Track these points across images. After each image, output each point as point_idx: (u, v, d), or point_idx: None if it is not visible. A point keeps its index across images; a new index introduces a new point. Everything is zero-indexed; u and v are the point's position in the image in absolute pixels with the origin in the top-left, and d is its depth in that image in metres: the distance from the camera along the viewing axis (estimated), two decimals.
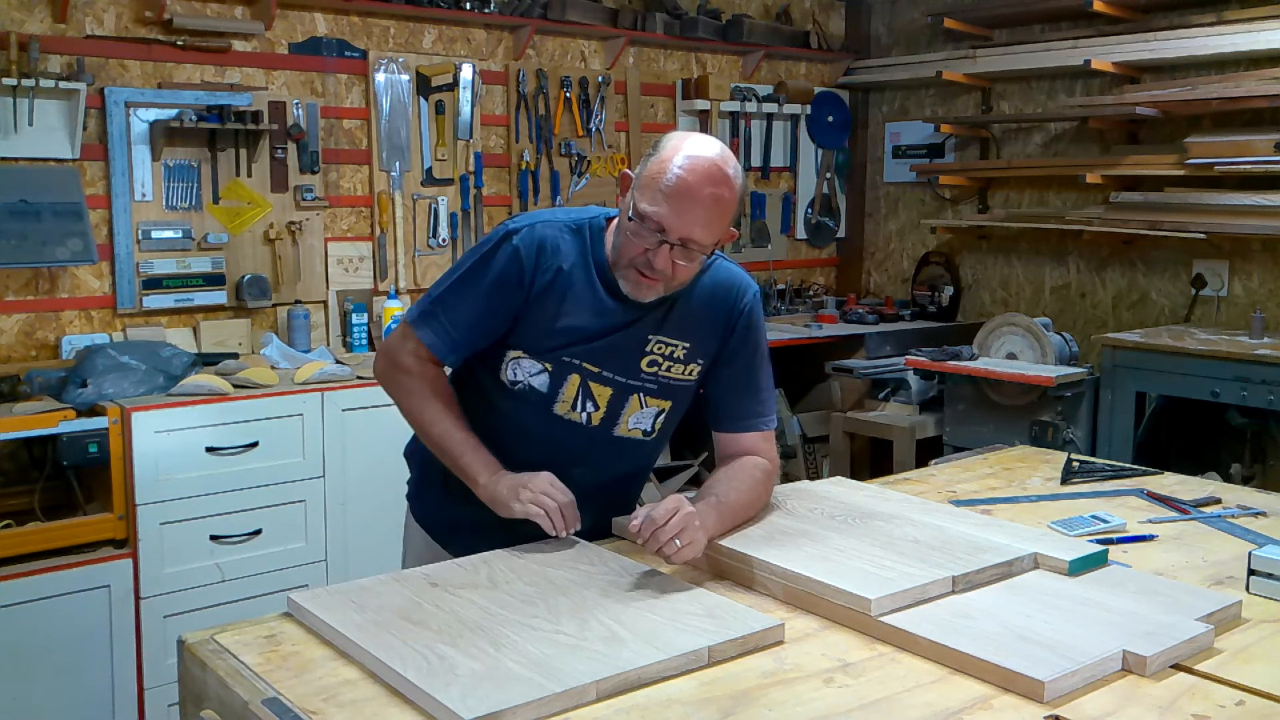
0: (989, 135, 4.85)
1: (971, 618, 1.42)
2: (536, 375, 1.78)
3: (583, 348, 1.77)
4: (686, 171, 1.63)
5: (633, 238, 1.67)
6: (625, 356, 1.79)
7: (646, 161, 1.69)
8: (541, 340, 1.77)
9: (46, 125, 3.21)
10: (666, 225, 1.64)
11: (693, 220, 1.64)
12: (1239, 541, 1.84)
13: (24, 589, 2.72)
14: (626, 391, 1.81)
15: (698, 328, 1.82)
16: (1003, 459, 2.44)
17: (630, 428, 1.84)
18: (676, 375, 1.83)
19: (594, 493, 1.82)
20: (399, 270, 3.97)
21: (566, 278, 1.75)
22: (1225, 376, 3.45)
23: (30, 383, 2.96)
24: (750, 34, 4.81)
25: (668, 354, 1.81)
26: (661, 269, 1.66)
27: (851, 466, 4.53)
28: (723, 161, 1.66)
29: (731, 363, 1.86)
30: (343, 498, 3.21)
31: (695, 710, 1.22)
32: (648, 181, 1.66)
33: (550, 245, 1.75)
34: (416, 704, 1.21)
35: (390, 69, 3.91)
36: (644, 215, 1.64)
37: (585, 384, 1.79)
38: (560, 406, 1.80)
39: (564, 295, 1.75)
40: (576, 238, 1.78)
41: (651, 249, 1.66)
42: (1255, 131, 3.85)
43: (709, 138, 1.71)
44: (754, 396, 1.89)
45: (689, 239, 1.65)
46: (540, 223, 1.78)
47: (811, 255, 5.35)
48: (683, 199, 1.63)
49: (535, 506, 1.69)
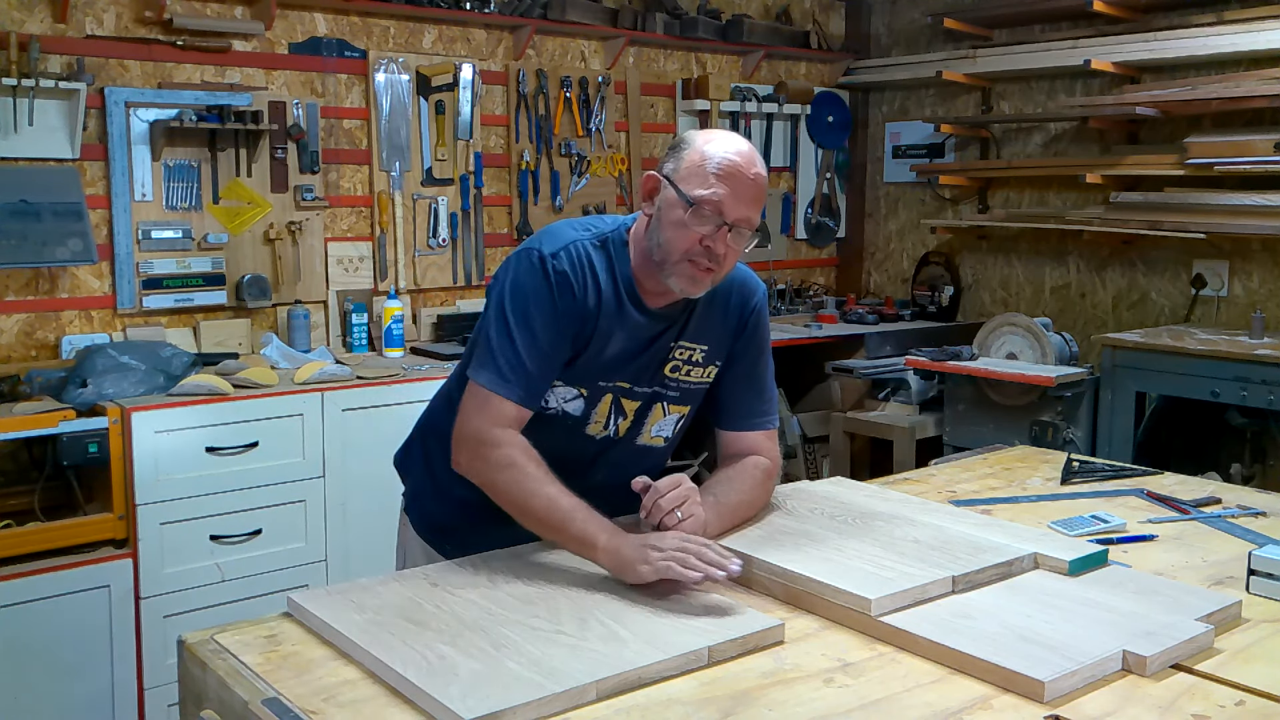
0: (989, 135, 4.85)
1: (971, 618, 1.42)
2: (572, 401, 1.76)
3: (621, 371, 1.76)
4: (732, 154, 1.67)
5: (689, 227, 1.66)
6: (653, 368, 1.79)
7: (679, 157, 1.69)
8: (585, 364, 1.73)
9: (46, 125, 3.21)
10: (725, 206, 1.65)
11: (746, 199, 1.66)
12: (1239, 541, 1.84)
13: (24, 589, 2.72)
14: (652, 401, 1.81)
15: (714, 329, 1.83)
16: (1003, 459, 2.44)
17: (653, 436, 1.85)
18: (696, 379, 1.84)
19: (608, 494, 1.82)
20: (399, 270, 3.97)
21: (602, 297, 1.73)
22: (1225, 376, 3.45)
23: (30, 383, 2.96)
24: (750, 34, 4.81)
25: (688, 358, 1.81)
26: (720, 253, 1.67)
27: (851, 466, 4.53)
28: (750, 147, 1.71)
29: (739, 361, 1.87)
30: (343, 498, 3.21)
31: (695, 710, 1.22)
32: (692, 170, 1.67)
33: (587, 263, 1.73)
34: (416, 704, 1.21)
35: (390, 69, 3.91)
36: (702, 200, 1.65)
37: (617, 400, 1.79)
38: (593, 428, 1.79)
39: (602, 317, 1.72)
40: (602, 253, 1.75)
41: (709, 235, 1.66)
42: (1255, 131, 3.85)
43: (725, 130, 1.74)
44: (758, 395, 1.89)
45: (744, 219, 1.67)
46: (571, 242, 1.73)
47: (811, 255, 5.35)
48: (735, 180, 1.65)
49: (673, 564, 1.49)
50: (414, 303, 4.02)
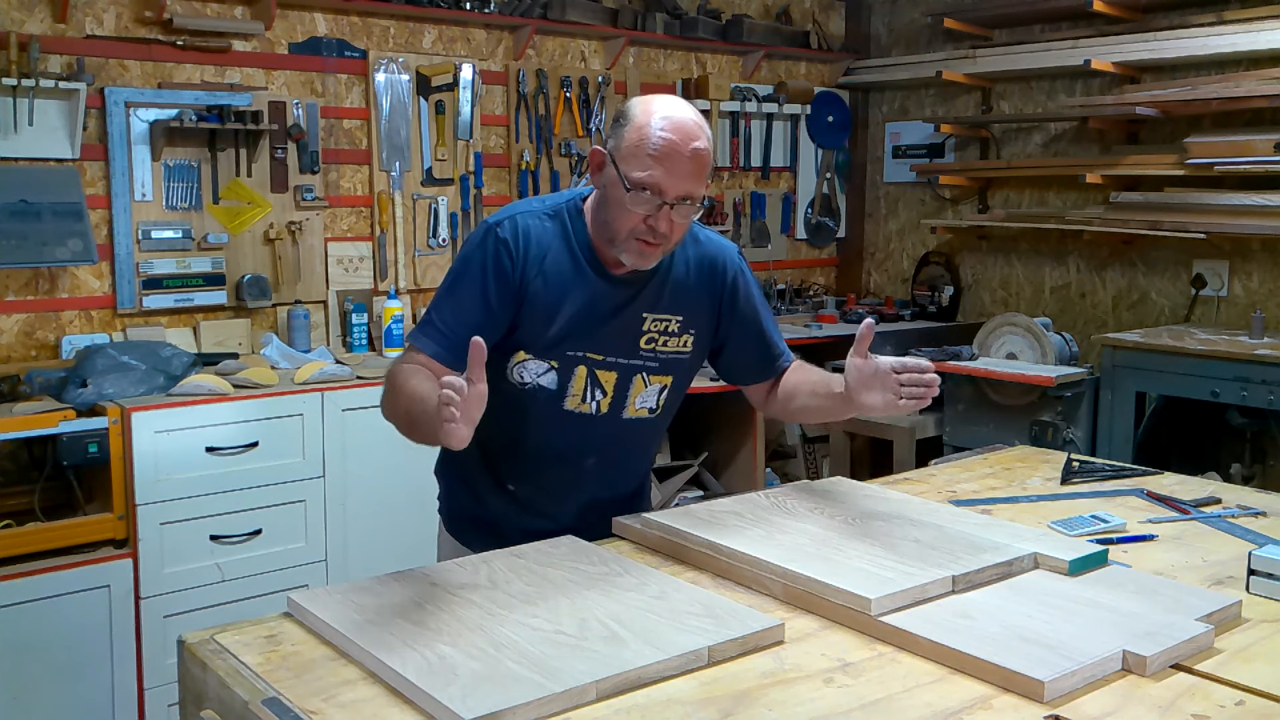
0: (989, 135, 4.85)
1: (971, 618, 1.42)
2: (544, 374, 1.80)
3: (586, 338, 1.79)
4: (669, 131, 1.67)
5: (630, 207, 1.69)
6: (625, 338, 1.82)
7: (620, 132, 1.71)
8: (545, 332, 1.78)
9: (46, 125, 3.21)
10: (663, 187, 1.67)
11: (685, 176, 1.68)
12: (1239, 541, 1.84)
13: (24, 589, 2.72)
14: (630, 373, 1.84)
15: (689, 299, 1.86)
16: (1003, 459, 2.44)
17: (637, 408, 1.87)
18: (673, 349, 1.87)
19: (605, 479, 1.89)
20: (399, 270, 3.98)
21: (554, 263, 1.77)
22: (1225, 376, 3.45)
23: (30, 383, 2.96)
24: (750, 34, 4.81)
25: (662, 329, 1.85)
26: (665, 231, 1.70)
27: (851, 466, 4.53)
28: (695, 115, 1.72)
29: (737, 324, 1.92)
30: (343, 498, 3.21)
31: (695, 710, 1.22)
32: (632, 150, 1.68)
33: (535, 232, 1.78)
34: (416, 704, 1.21)
35: (390, 69, 3.91)
36: (639, 183, 1.67)
37: (592, 373, 1.82)
38: (570, 401, 1.82)
39: (556, 282, 1.77)
40: (555, 222, 1.80)
41: (652, 214, 1.69)
42: (1255, 131, 3.85)
43: (672, 97, 1.76)
44: (768, 344, 1.97)
45: (684, 195, 1.69)
46: (518, 213, 1.80)
47: (811, 255, 5.35)
48: (672, 159, 1.67)
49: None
50: (414, 303, 4.03)
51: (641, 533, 1.80)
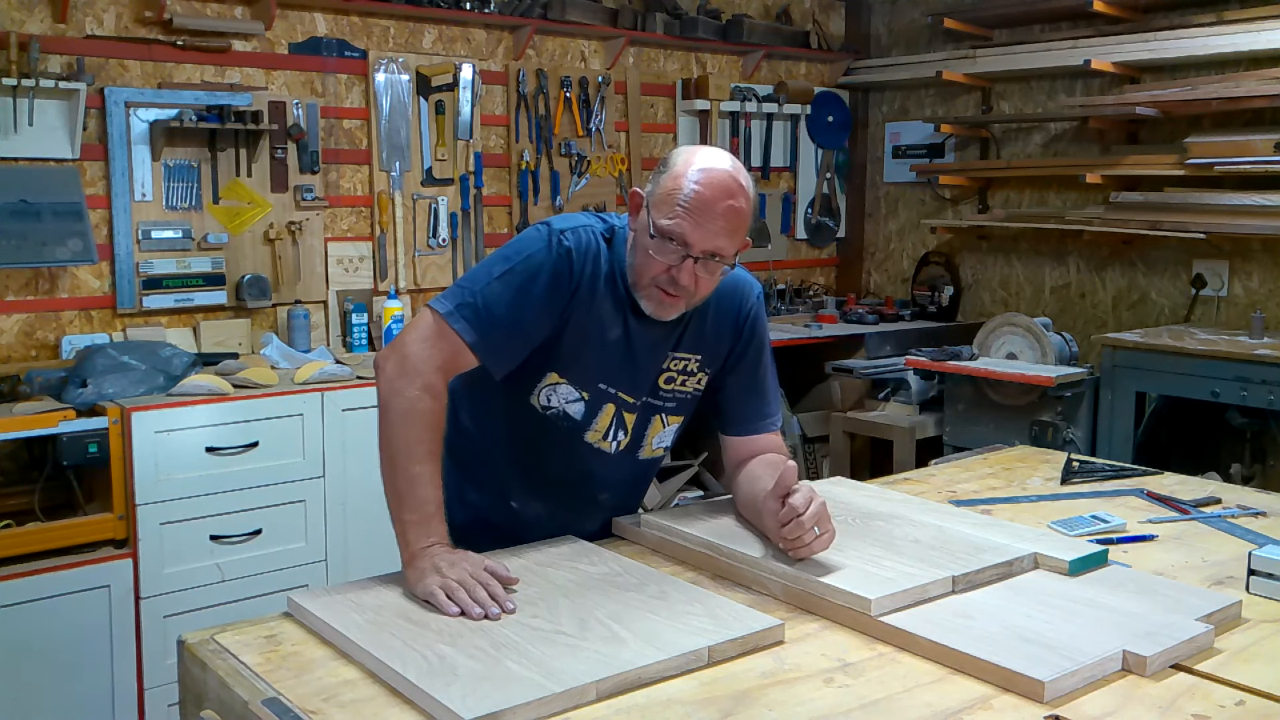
0: (989, 135, 4.85)
1: (971, 618, 1.42)
2: (573, 403, 1.74)
3: (620, 376, 1.74)
4: (703, 185, 1.60)
5: (655, 255, 1.62)
6: (650, 377, 1.78)
7: (658, 178, 1.65)
8: (582, 358, 1.71)
9: (46, 125, 3.21)
10: (689, 240, 1.60)
11: (714, 232, 1.61)
12: (1239, 541, 1.84)
13: (24, 589, 2.72)
14: (650, 413, 1.81)
15: (708, 338, 1.81)
16: (1003, 459, 2.44)
17: (654, 448, 1.85)
18: (690, 389, 1.83)
19: (613, 508, 1.86)
20: (399, 270, 3.97)
21: (604, 289, 1.70)
22: (1225, 376, 3.45)
23: (30, 383, 2.96)
24: (750, 34, 4.81)
25: (682, 368, 1.80)
26: (686, 285, 1.63)
27: (851, 466, 4.53)
28: (736, 172, 1.64)
29: (739, 366, 1.85)
30: (343, 498, 3.21)
31: (695, 710, 1.22)
32: (664, 198, 1.62)
33: (593, 252, 1.70)
34: (416, 704, 1.21)
35: (390, 69, 3.91)
36: (665, 231, 1.61)
37: (619, 414, 1.77)
38: (592, 435, 1.77)
39: (603, 307, 1.70)
40: (608, 246, 1.72)
41: (675, 265, 1.62)
42: (1255, 131, 3.85)
43: (718, 150, 1.68)
44: (762, 398, 1.88)
45: (712, 251, 1.62)
46: (581, 226, 1.71)
47: (811, 255, 5.35)
48: (703, 212, 1.60)
49: (439, 592, 1.44)
50: (414, 303, 4.02)
51: (641, 533, 1.80)
